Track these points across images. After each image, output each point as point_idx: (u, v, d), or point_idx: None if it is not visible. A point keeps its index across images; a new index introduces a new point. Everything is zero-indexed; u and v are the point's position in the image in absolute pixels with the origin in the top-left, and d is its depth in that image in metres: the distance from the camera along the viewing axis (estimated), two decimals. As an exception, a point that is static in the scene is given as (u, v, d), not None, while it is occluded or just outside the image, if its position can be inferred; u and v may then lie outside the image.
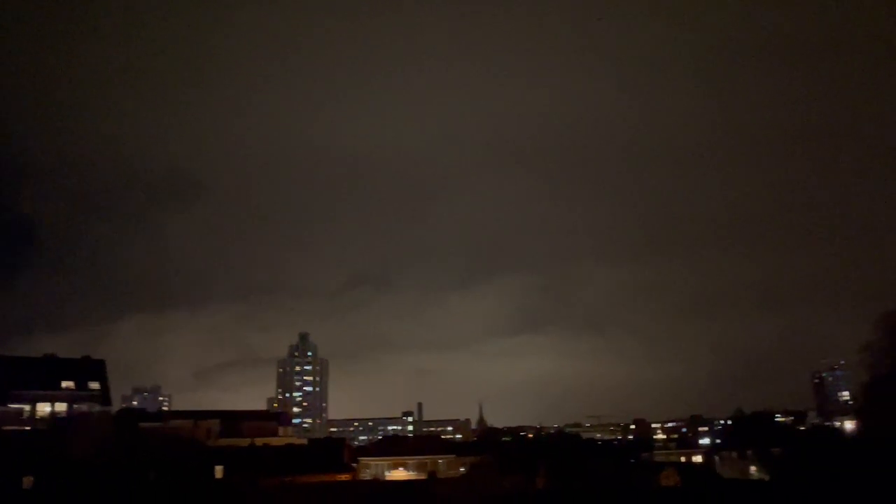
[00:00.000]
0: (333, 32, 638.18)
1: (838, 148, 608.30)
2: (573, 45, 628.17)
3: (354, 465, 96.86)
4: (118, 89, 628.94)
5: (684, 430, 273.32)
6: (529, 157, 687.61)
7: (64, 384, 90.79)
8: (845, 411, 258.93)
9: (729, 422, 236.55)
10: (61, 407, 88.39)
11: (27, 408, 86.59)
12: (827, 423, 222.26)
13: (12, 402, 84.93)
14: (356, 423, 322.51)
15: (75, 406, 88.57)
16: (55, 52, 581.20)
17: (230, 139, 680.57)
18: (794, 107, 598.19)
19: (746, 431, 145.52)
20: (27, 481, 58.10)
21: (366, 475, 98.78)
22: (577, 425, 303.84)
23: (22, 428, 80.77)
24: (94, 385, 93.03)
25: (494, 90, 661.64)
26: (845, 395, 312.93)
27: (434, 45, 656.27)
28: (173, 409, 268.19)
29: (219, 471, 70.24)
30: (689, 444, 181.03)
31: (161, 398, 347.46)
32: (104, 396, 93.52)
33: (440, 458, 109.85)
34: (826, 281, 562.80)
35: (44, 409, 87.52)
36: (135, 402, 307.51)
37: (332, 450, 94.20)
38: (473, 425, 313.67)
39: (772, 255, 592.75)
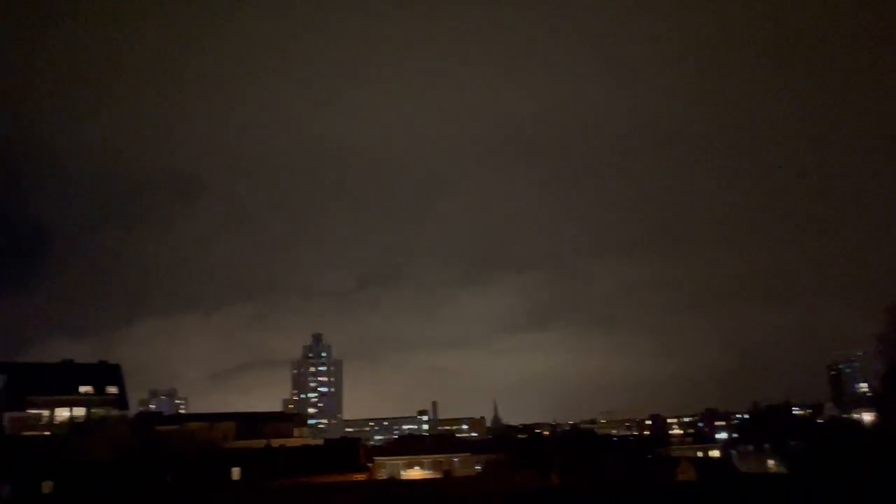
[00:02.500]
0: (336, 30, 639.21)
1: (852, 136, 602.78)
2: (579, 39, 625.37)
3: (370, 464, 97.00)
4: (127, 94, 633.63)
5: (700, 424, 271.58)
6: (536, 153, 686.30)
7: (82, 389, 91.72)
8: (863, 402, 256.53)
9: (745, 415, 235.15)
10: (79, 412, 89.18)
11: (46, 413, 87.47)
12: (845, 415, 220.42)
13: (31, 408, 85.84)
14: (371, 423, 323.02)
15: (93, 410, 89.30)
16: (61, 56, 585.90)
17: (240, 141, 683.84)
18: (800, 97, 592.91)
19: (763, 425, 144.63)
20: (47, 486, 58.70)
21: (381, 475, 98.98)
22: (592, 422, 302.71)
23: (41, 433, 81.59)
24: (112, 389, 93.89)
25: (500, 86, 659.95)
26: (863, 386, 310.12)
27: (436, 42, 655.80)
28: (190, 411, 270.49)
29: (236, 472, 70.59)
30: (706, 439, 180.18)
31: (177, 401, 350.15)
32: (121, 400, 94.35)
33: (455, 457, 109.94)
34: (841, 271, 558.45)
35: (62, 414, 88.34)
36: (152, 406, 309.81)
37: (348, 450, 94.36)
38: (488, 423, 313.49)
39: (786, 245, 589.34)
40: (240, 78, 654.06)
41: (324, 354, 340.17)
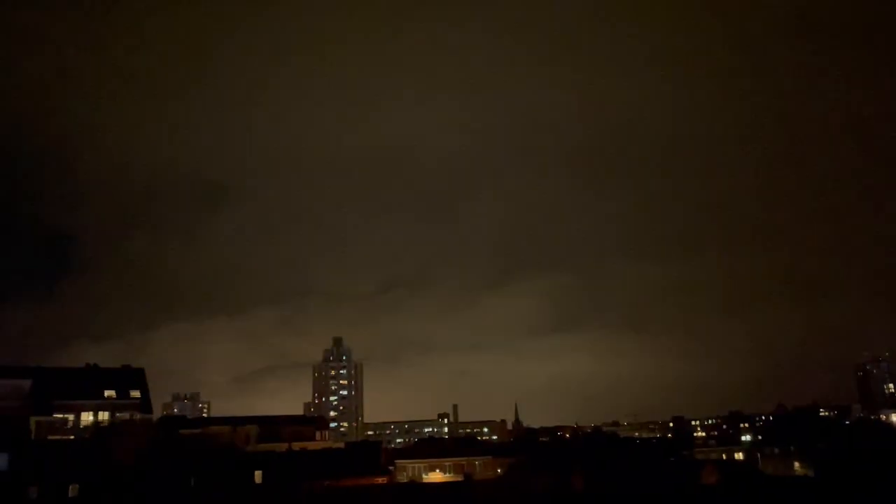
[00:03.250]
0: (362, 33, 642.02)
1: (878, 138, 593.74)
2: (602, 40, 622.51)
3: (391, 467, 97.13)
4: (152, 99, 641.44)
5: (724, 427, 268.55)
6: (561, 155, 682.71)
7: (106, 393, 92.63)
8: (891, 404, 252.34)
9: (770, 417, 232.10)
10: (104, 415, 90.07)
11: (71, 417, 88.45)
12: (872, 417, 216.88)
13: (57, 412, 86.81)
14: (392, 426, 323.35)
15: (117, 414, 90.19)
16: (88, 63, 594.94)
17: (266, 147, 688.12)
18: (830, 98, 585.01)
19: (789, 427, 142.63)
20: (73, 489, 59.42)
21: (403, 478, 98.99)
22: (615, 424, 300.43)
23: (67, 437, 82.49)
24: (135, 393, 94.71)
25: (523, 89, 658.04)
26: (891, 387, 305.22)
27: (462, 42, 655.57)
28: (212, 415, 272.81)
29: (258, 475, 71.02)
30: (730, 441, 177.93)
31: (200, 405, 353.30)
32: (145, 404, 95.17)
33: (476, 460, 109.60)
34: (869, 272, 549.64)
35: (87, 418, 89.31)
36: (175, 409, 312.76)
37: (369, 453, 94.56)
38: (509, 426, 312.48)
39: (815, 246, 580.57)
40: (267, 83, 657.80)
41: (344, 358, 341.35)
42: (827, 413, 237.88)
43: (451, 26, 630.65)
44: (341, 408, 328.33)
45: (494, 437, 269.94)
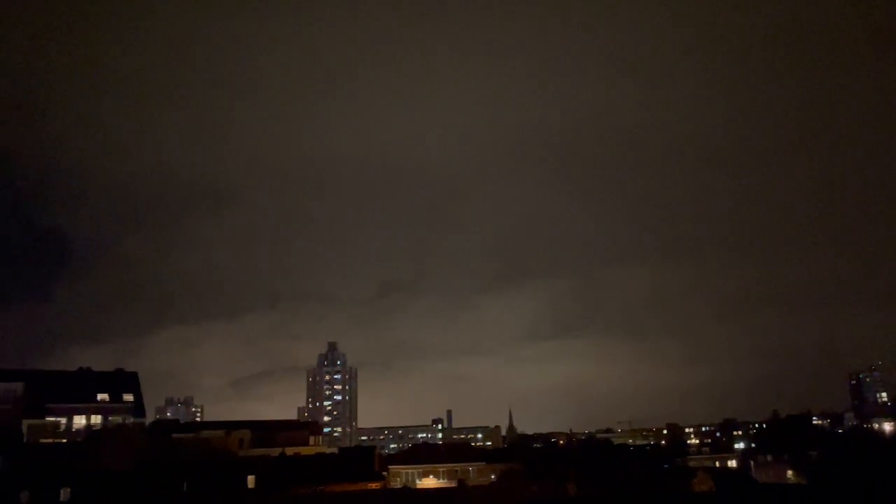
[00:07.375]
0: (361, 40, 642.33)
1: (875, 145, 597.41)
2: (593, 49, 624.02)
3: (385, 473, 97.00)
4: (149, 101, 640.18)
5: (718, 434, 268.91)
6: (560, 160, 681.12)
7: (99, 397, 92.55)
8: (884, 412, 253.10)
9: (764, 425, 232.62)
10: (96, 419, 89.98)
11: (63, 420, 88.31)
12: (865, 425, 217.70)
13: (49, 416, 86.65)
14: (386, 432, 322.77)
15: (110, 418, 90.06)
16: (85, 64, 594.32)
17: (261, 148, 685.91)
18: (825, 104, 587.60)
19: (782, 435, 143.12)
20: (64, 493, 59.11)
21: (396, 483, 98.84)
22: (609, 431, 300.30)
23: (59, 440, 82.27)
24: (128, 397, 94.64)
25: (523, 94, 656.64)
26: (884, 396, 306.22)
27: (461, 50, 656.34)
28: (206, 419, 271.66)
29: (251, 480, 70.77)
30: (723, 449, 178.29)
31: (194, 409, 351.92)
32: (138, 408, 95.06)
33: (470, 466, 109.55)
34: (863, 281, 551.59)
35: (80, 421, 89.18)
36: (168, 413, 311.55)
37: (363, 458, 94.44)
38: (503, 432, 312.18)
39: (809, 256, 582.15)
40: (265, 88, 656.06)
41: (338, 363, 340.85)
42: (820, 421, 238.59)
43: (449, 35, 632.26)
44: (335, 413, 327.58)
45: (488, 444, 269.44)
